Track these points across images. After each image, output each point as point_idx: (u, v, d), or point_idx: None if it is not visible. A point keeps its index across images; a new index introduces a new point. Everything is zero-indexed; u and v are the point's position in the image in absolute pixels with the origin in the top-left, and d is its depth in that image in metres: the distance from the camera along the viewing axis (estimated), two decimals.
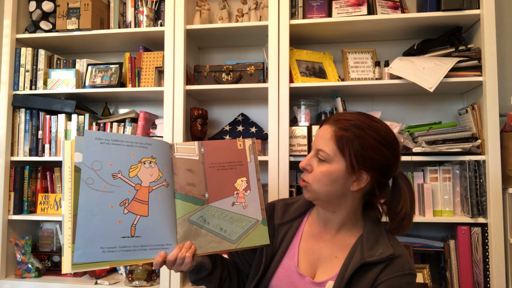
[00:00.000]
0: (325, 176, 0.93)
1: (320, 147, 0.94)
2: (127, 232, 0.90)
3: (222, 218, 1.01)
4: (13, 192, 1.99)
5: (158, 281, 1.85)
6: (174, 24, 1.88)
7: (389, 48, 2.03)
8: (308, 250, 1.01)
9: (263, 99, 2.07)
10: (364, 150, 0.91)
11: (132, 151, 0.94)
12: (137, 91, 1.97)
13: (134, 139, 0.95)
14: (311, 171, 0.96)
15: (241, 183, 1.05)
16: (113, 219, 0.89)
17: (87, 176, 0.87)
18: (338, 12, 1.85)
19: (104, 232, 0.87)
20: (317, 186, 0.95)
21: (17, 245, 1.96)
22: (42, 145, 2.02)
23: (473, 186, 1.68)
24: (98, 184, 0.88)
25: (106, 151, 0.91)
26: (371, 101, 2.07)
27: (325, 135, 0.95)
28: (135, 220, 0.91)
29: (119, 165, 0.92)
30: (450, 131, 1.73)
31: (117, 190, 0.90)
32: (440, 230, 1.94)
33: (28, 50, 2.03)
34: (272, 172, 1.76)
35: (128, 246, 0.90)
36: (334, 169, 0.93)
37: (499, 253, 1.63)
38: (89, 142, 0.89)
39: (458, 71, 1.73)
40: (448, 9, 1.73)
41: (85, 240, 0.85)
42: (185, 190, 1.00)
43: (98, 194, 0.88)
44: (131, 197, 0.92)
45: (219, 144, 1.06)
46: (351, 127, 0.92)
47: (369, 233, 0.97)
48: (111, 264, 0.88)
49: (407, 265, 0.92)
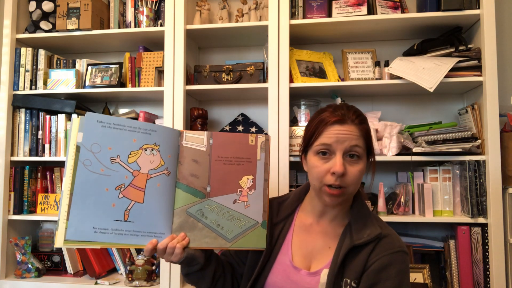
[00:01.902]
0: (361, 174, 0.95)
1: (355, 143, 0.93)
2: (120, 216, 0.91)
3: (221, 215, 0.99)
4: (13, 192, 1.99)
5: (158, 281, 1.85)
6: (174, 24, 1.88)
7: (389, 48, 2.03)
8: (301, 244, 1.03)
9: (263, 99, 2.07)
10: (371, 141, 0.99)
11: (133, 137, 0.93)
12: (137, 91, 1.97)
13: (138, 125, 0.94)
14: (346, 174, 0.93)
15: (247, 181, 1.02)
16: (107, 202, 0.90)
17: (85, 157, 0.88)
18: (338, 12, 1.85)
19: (97, 213, 0.89)
20: (354, 187, 0.95)
21: (17, 245, 1.96)
22: (42, 145, 2.02)
23: (473, 186, 1.68)
24: (95, 167, 0.89)
25: (106, 135, 0.91)
26: (371, 101, 2.07)
27: (353, 133, 0.94)
28: (129, 206, 0.92)
29: (118, 149, 0.92)
30: (450, 131, 1.73)
31: (113, 174, 0.91)
32: (440, 230, 1.94)
33: (28, 50, 2.03)
34: (272, 172, 1.76)
35: (120, 230, 0.90)
36: (364, 165, 0.96)
37: (499, 253, 1.63)
38: (90, 124, 0.90)
39: (458, 71, 1.73)
40: (448, 9, 1.73)
41: (79, 219, 0.87)
42: (187, 180, 0.98)
43: (94, 176, 0.89)
44: (128, 183, 0.92)
45: (230, 137, 1.02)
46: (365, 119, 0.99)
47: (356, 217, 0.99)
48: (102, 245, 0.89)
49: (396, 243, 0.94)
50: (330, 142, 0.94)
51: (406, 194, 1.78)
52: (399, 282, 0.91)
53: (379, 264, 0.91)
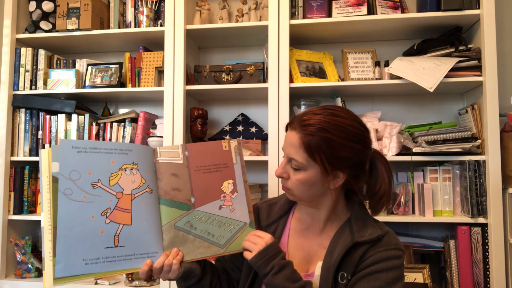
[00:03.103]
0: (302, 183, 0.94)
1: (291, 156, 0.94)
2: (110, 242, 0.87)
3: (210, 223, 0.99)
4: (13, 192, 1.99)
5: (158, 281, 1.85)
6: (174, 24, 1.88)
7: (389, 48, 2.03)
8: (298, 247, 1.02)
9: (263, 99, 2.07)
10: (334, 151, 0.90)
11: (111, 158, 0.91)
12: (137, 91, 1.97)
13: (113, 146, 0.92)
14: (288, 178, 0.96)
15: (228, 186, 1.03)
16: (95, 230, 0.86)
17: (65, 186, 0.84)
18: (338, 12, 1.85)
19: (86, 244, 0.85)
20: (298, 192, 0.96)
21: (17, 245, 1.96)
22: (42, 145, 2.02)
23: (473, 186, 1.68)
24: (77, 195, 0.85)
25: (84, 160, 0.87)
26: (371, 101, 2.07)
27: (293, 143, 0.93)
28: (118, 230, 0.89)
29: (98, 173, 0.89)
30: (450, 131, 1.73)
31: (97, 200, 0.87)
32: (440, 230, 1.94)
33: (28, 50, 2.03)
34: (272, 172, 1.76)
35: (112, 257, 0.87)
36: (309, 176, 0.93)
37: (499, 253, 1.63)
38: (65, 151, 0.86)
39: (458, 71, 1.73)
40: (448, 9, 1.73)
41: (67, 253, 0.82)
42: (170, 195, 0.97)
43: (77, 205, 0.85)
44: (113, 206, 0.89)
45: (204, 147, 1.03)
46: (316, 131, 0.90)
47: (356, 216, 0.99)
48: (96, 276, 0.86)
49: (393, 241, 0.95)
50: (283, 148, 0.99)
51: (406, 194, 1.78)
52: (393, 276, 0.91)
53: (375, 257, 0.92)
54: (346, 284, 0.92)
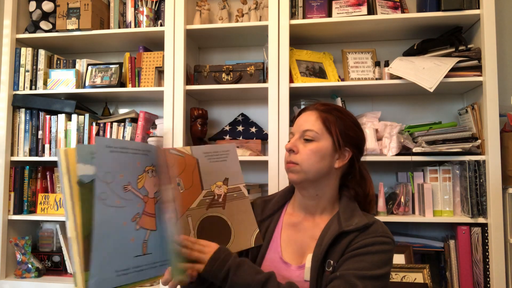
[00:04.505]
0: (314, 154, 0.99)
1: (307, 128, 1.01)
2: (139, 250, 0.81)
3: None
4: (13, 192, 1.99)
5: (158, 281, 1.84)
6: (174, 24, 1.88)
7: (389, 48, 2.03)
8: (290, 240, 1.04)
9: (263, 99, 2.07)
10: (347, 129, 1.02)
11: (137, 160, 0.84)
12: (137, 91, 1.97)
13: (138, 146, 0.85)
14: (298, 152, 1.00)
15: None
16: (127, 238, 0.79)
17: (101, 190, 0.75)
18: (338, 12, 1.85)
19: (119, 253, 0.77)
20: (307, 164, 0.99)
21: (17, 245, 1.96)
22: (42, 145, 2.02)
23: (473, 186, 1.68)
24: (111, 199, 0.77)
25: (116, 161, 0.79)
26: (371, 101, 2.07)
27: (309, 119, 1.02)
28: (146, 236, 0.83)
29: (128, 176, 0.81)
30: (450, 131, 1.73)
31: (128, 205, 0.80)
32: (440, 230, 1.94)
33: (28, 50, 2.03)
34: (272, 172, 1.76)
35: (141, 266, 0.81)
36: (322, 146, 0.99)
37: (499, 253, 1.63)
38: (100, 150, 0.77)
39: (458, 71, 1.73)
40: (448, 9, 1.73)
41: (101, 266, 0.74)
42: None
43: (112, 210, 0.77)
44: (141, 211, 0.83)
45: None
46: (333, 110, 1.03)
47: (345, 208, 1.03)
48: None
49: (380, 229, 0.97)
50: (293, 130, 1.06)
51: (406, 194, 1.78)
52: (379, 259, 0.91)
53: (362, 243, 0.93)
54: (332, 272, 0.93)
